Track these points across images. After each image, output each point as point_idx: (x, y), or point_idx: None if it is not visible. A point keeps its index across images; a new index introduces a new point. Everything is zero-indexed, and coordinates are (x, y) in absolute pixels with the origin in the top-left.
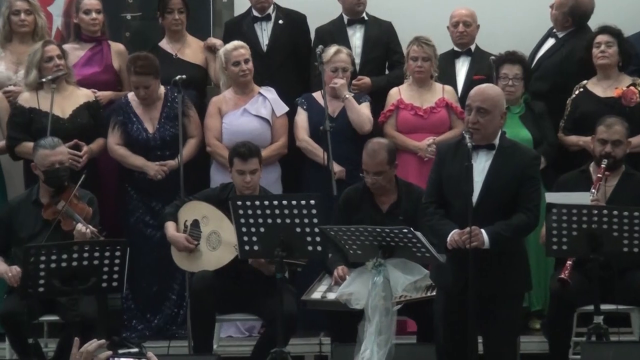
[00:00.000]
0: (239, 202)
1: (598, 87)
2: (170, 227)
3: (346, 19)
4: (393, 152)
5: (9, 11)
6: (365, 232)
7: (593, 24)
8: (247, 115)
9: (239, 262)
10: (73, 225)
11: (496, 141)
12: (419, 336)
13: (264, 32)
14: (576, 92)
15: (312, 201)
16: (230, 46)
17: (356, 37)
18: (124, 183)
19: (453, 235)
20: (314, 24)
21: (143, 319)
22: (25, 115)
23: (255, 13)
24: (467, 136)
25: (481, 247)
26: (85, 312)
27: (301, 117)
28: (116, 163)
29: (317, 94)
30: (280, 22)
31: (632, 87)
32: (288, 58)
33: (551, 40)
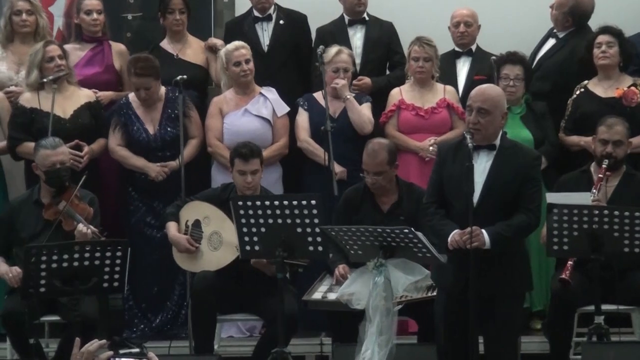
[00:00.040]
0: (240, 202)
1: (599, 88)
2: (171, 228)
3: (347, 19)
4: (393, 153)
5: (11, 11)
6: (366, 233)
7: (593, 24)
8: (248, 115)
9: (240, 263)
10: (74, 225)
11: (497, 141)
12: (420, 336)
13: (265, 33)
14: (577, 93)
15: (313, 201)
16: (231, 46)
17: (357, 38)
18: (125, 183)
19: (454, 235)
20: (315, 24)
21: (144, 319)
22: (26, 115)
23: (256, 13)
24: (468, 136)
25: (482, 248)
26: (86, 312)
27: (302, 118)
28: (117, 163)
29: (318, 94)
30: (281, 23)
31: (633, 88)
32: (289, 58)
33: (552, 40)
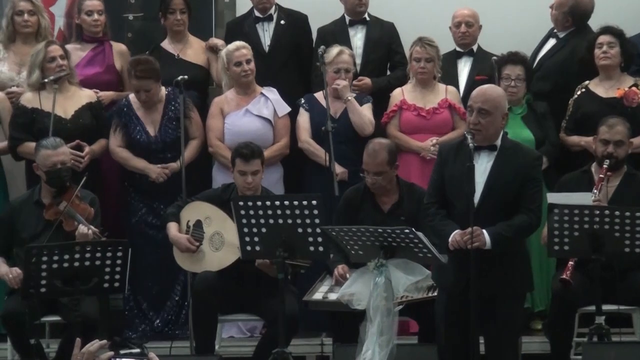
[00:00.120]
0: (241, 203)
1: (600, 88)
2: (172, 228)
3: (348, 20)
4: (394, 153)
5: (13, 12)
6: (366, 233)
7: (593, 24)
8: (249, 115)
9: (242, 263)
10: (75, 225)
11: (498, 142)
12: (421, 337)
13: (266, 33)
14: (578, 93)
15: (314, 201)
16: (232, 46)
17: (358, 38)
18: (126, 184)
19: (455, 235)
20: (316, 25)
21: (145, 320)
22: (27, 115)
23: (257, 13)
24: (469, 137)
25: (483, 248)
26: (87, 313)
27: (303, 118)
28: (118, 164)
29: (319, 95)
30: (282, 23)
31: (634, 88)
32: (290, 58)
33: (552, 40)
